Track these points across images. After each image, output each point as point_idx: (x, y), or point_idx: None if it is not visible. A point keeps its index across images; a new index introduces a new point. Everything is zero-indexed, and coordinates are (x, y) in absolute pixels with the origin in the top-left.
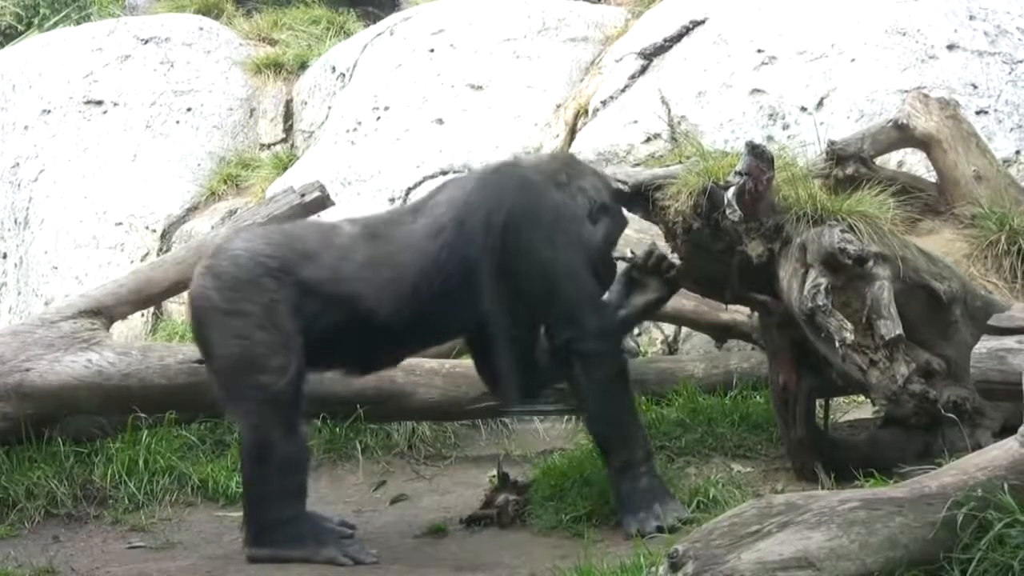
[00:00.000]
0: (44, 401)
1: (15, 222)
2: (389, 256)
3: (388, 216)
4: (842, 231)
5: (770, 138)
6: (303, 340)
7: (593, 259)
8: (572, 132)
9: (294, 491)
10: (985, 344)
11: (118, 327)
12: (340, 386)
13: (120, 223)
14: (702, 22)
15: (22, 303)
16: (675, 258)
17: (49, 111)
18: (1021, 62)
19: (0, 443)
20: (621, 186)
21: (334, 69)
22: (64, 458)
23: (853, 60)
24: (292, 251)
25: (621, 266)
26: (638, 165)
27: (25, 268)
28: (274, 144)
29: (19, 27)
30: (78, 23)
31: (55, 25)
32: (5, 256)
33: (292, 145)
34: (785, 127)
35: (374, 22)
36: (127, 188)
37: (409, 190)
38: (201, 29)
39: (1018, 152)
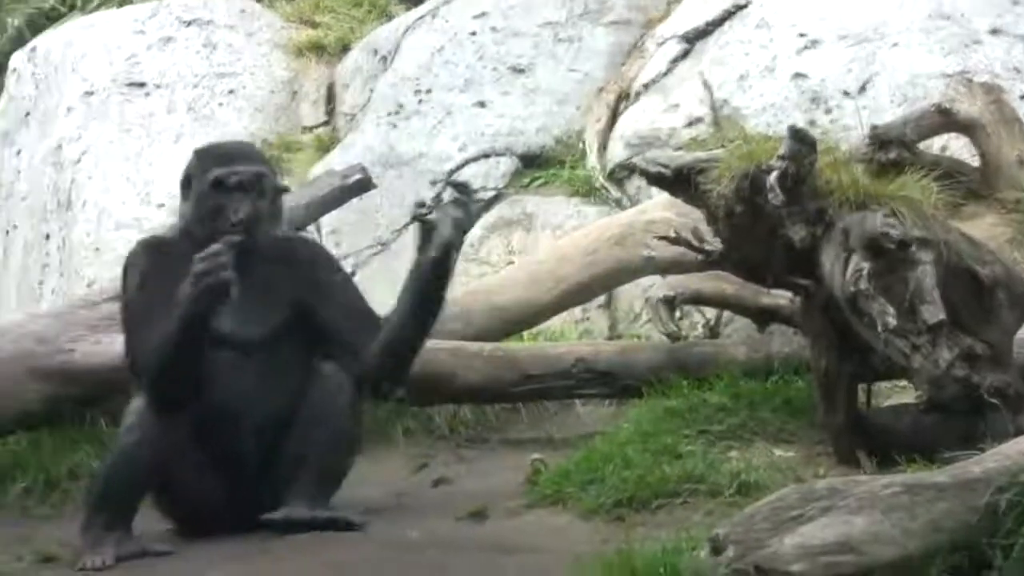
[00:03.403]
0: (86, 382)
1: (58, 204)
2: None
3: None
4: (885, 216)
5: (812, 122)
6: None
7: None
8: (614, 115)
9: None
10: None
11: None
12: None
13: (162, 205)
14: (744, 6)
15: (64, 284)
16: (717, 242)
17: (91, 93)
18: None
19: (43, 423)
20: (663, 170)
21: (376, 52)
22: (107, 439)
23: (896, 44)
24: None
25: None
26: (680, 149)
27: (67, 249)
28: (316, 127)
29: (62, 9)
30: (120, 5)
31: (98, 7)
32: (48, 237)
33: (334, 128)
34: (827, 111)
35: (416, 5)
36: (169, 170)
37: (451, 173)
38: (243, 11)
39: None
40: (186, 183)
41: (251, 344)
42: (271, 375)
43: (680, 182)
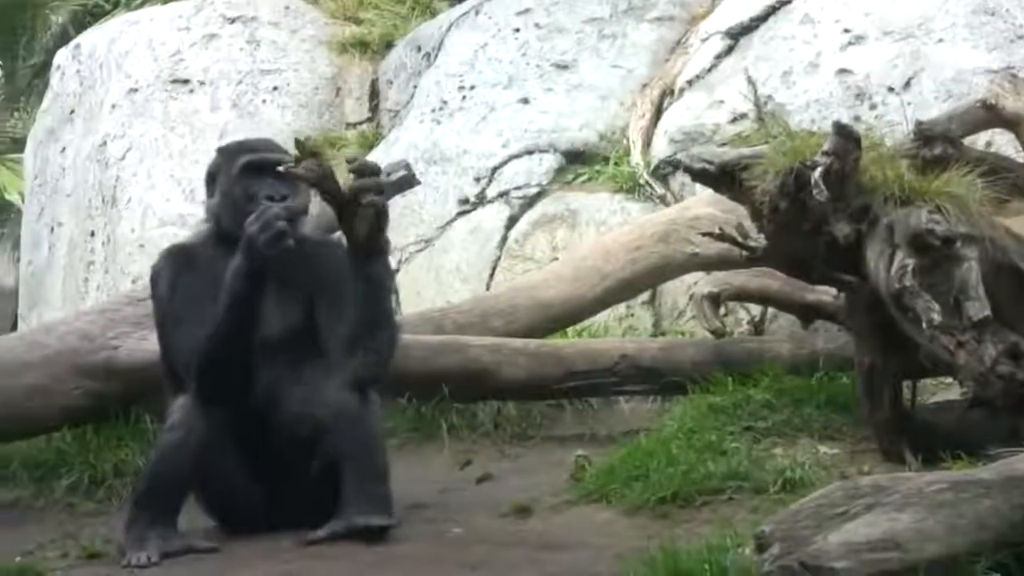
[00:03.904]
0: (131, 379)
1: (102, 200)
2: None
3: None
4: (929, 212)
5: (857, 118)
6: None
7: None
8: (658, 112)
9: None
10: None
11: None
12: (425, 365)
13: None
14: (788, 1)
15: (109, 281)
16: (761, 239)
17: (136, 90)
18: None
19: (88, 420)
20: (707, 166)
21: (419, 48)
22: (151, 436)
23: (941, 40)
24: None
25: None
26: (724, 145)
27: (112, 246)
28: (360, 123)
29: (106, 6)
30: (165, 2)
31: (142, 4)
32: (93, 234)
33: (378, 124)
34: (872, 107)
35: (460, 1)
36: None
37: (494, 169)
38: (287, 8)
39: None
40: (211, 179)
41: (280, 343)
42: (298, 375)
43: (724, 178)
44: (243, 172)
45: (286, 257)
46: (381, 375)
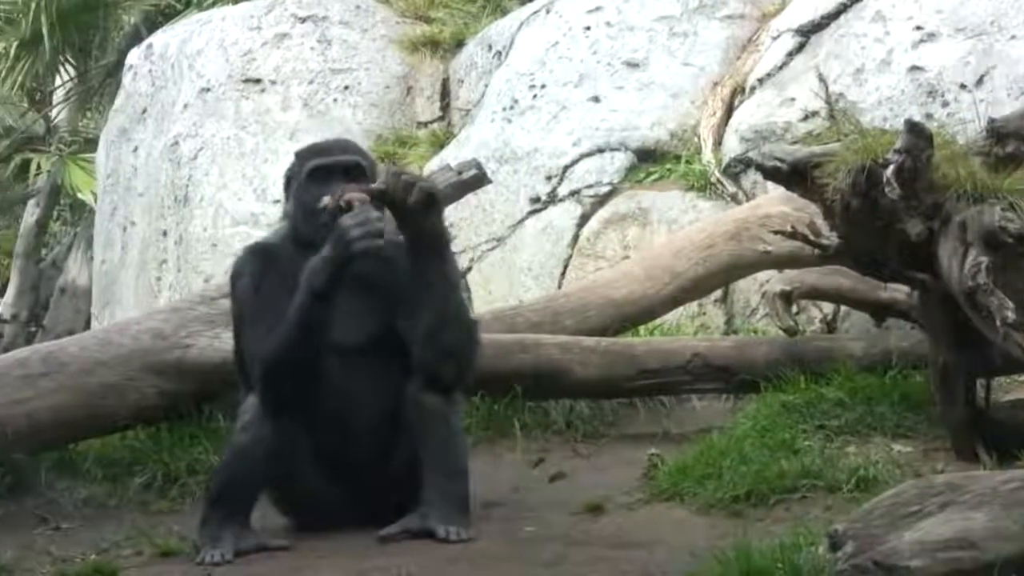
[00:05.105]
0: (204, 377)
1: (175, 200)
2: None
3: None
4: (1003, 209)
5: (929, 116)
6: None
7: None
8: (729, 110)
9: None
10: None
11: None
12: (498, 363)
13: (278, 201)
14: None
15: (182, 280)
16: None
17: (208, 89)
18: None
19: (161, 418)
20: (779, 164)
21: (490, 47)
22: (224, 434)
23: (1013, 37)
24: None
25: None
26: (795, 143)
27: (184, 245)
28: (431, 122)
29: (178, 6)
30: (236, 2)
31: (213, 4)
32: (165, 234)
33: (449, 123)
34: (944, 105)
35: (530, 0)
36: (285, 166)
37: (566, 168)
38: (358, 7)
39: None
40: (287, 184)
41: (356, 349)
42: (378, 377)
43: (796, 176)
44: (311, 176)
45: (370, 258)
46: (464, 375)
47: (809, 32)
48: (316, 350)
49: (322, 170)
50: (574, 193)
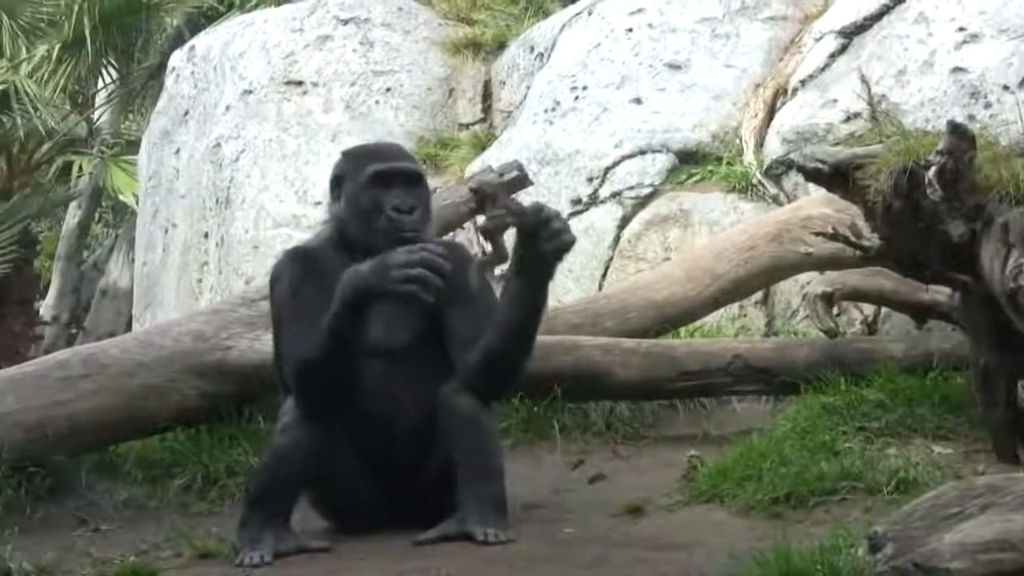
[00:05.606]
0: (245, 379)
1: (216, 202)
2: None
3: None
4: None
5: (971, 117)
6: None
7: None
8: (771, 112)
9: None
10: None
11: None
12: (537, 365)
13: (319, 203)
14: (902, 0)
15: (223, 282)
16: (875, 238)
17: (250, 91)
18: None
19: (201, 420)
20: (821, 166)
21: (532, 49)
22: (264, 436)
23: None
24: None
25: None
26: (837, 144)
27: (226, 247)
28: (472, 124)
29: (220, 8)
30: (278, 4)
31: (256, 6)
32: (207, 235)
33: (490, 125)
34: (987, 106)
35: (572, 2)
36: (327, 168)
37: (607, 170)
38: (400, 9)
39: None
40: (336, 183)
41: (398, 351)
42: (419, 379)
43: (838, 178)
44: (371, 181)
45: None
46: (505, 394)
47: (852, 33)
48: (349, 356)
49: (384, 175)
50: (615, 195)
